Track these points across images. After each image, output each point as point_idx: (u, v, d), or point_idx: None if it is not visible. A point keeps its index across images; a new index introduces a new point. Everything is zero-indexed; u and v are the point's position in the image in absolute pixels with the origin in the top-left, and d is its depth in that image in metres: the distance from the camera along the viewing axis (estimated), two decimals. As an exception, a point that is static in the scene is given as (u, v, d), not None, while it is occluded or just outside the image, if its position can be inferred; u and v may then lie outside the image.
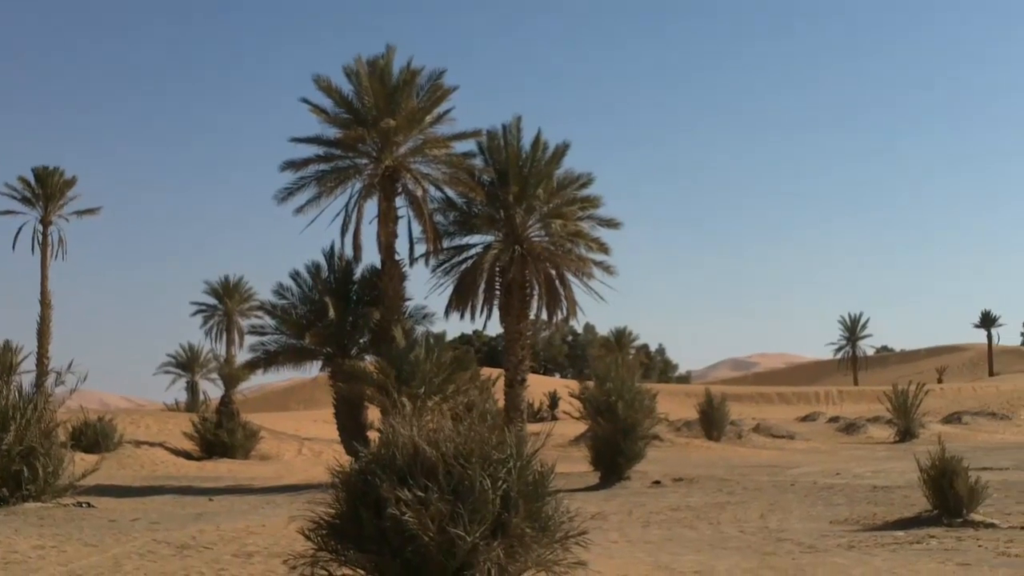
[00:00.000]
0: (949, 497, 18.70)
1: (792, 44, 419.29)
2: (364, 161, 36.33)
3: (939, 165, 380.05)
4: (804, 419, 69.23)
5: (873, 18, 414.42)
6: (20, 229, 61.19)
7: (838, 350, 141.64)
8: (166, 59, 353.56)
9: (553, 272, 40.82)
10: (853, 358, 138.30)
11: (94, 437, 38.96)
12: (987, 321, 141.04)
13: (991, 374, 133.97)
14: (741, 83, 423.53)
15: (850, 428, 59.89)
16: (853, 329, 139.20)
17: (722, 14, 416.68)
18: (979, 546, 16.14)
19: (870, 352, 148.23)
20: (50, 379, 27.08)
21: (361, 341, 36.51)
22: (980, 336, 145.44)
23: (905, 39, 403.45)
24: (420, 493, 9.87)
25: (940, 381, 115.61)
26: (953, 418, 62.45)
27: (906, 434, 52.67)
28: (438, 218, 38.92)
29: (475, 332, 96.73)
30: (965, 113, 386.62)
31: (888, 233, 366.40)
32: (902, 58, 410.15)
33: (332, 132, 36.17)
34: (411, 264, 37.19)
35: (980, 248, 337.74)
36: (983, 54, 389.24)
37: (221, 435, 41.76)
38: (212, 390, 77.59)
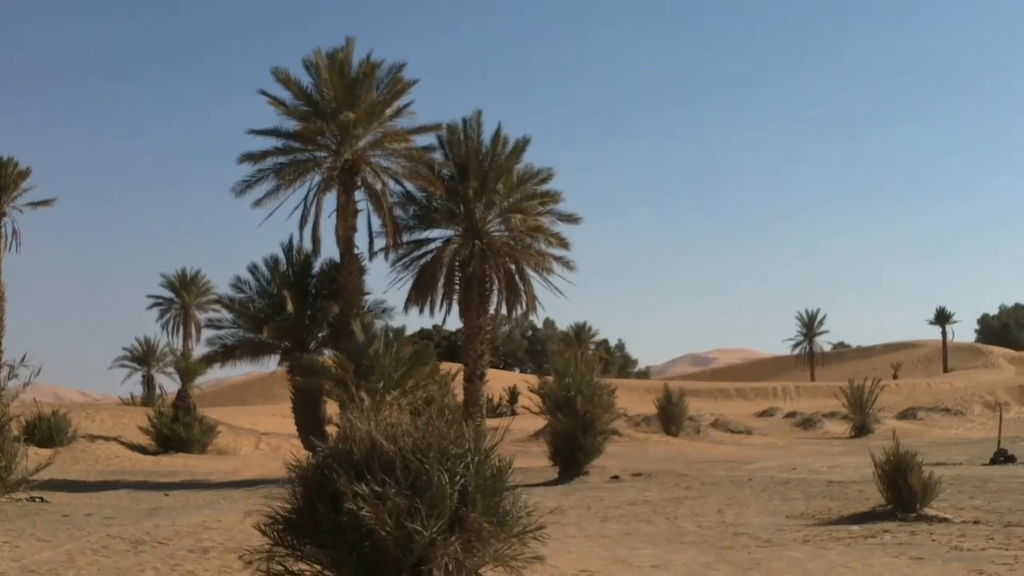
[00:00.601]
0: (903, 492, 18.82)
1: (753, 42, 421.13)
2: (323, 154, 36.21)
3: (897, 161, 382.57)
4: (761, 414, 69.67)
5: (817, 18, 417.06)
6: (-27, 221, 60.53)
7: (795, 346, 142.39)
8: (123, 49, 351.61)
9: (513, 267, 40.80)
10: (810, 354, 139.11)
11: (48, 431, 38.71)
12: (942, 318, 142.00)
13: (945, 370, 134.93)
14: (700, 76, 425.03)
15: (807, 423, 60.32)
16: (810, 325, 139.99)
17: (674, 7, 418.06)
18: (932, 540, 16.25)
19: (827, 348, 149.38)
20: (3, 373, 26.84)
21: (319, 335, 36.44)
22: (935, 333, 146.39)
23: (852, 35, 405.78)
24: (377, 488, 9.82)
25: (895, 377, 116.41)
26: (908, 414, 62.98)
27: (862, 429, 53.07)
28: (398, 212, 38.86)
29: (434, 327, 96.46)
30: (918, 109, 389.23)
31: (845, 229, 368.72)
32: (854, 50, 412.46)
33: (291, 125, 36.05)
34: (370, 258, 37.20)
35: (935, 245, 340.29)
36: (932, 49, 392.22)
37: (177, 429, 41.53)
38: (169, 384, 77.00)
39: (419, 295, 40.39)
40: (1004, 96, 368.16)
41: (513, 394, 76.91)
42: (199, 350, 66.89)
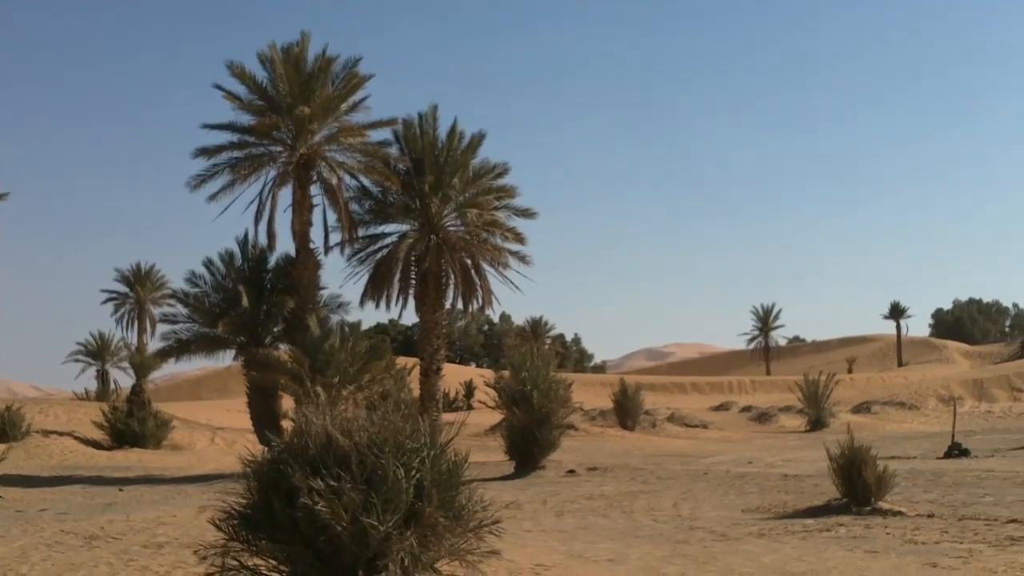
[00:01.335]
0: (858, 485, 18.92)
1: (708, 34, 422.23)
2: (278, 149, 36.10)
3: (852, 155, 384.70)
4: (717, 408, 69.92)
5: (761, 18, 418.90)
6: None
7: (751, 340, 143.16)
8: (75, 40, 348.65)
9: (469, 261, 40.80)
10: (766, 348, 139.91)
11: (1, 426, 38.47)
12: (896, 312, 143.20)
13: (900, 364, 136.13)
14: (658, 67, 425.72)
15: (762, 417, 60.57)
16: (766, 320, 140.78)
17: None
18: (887, 533, 16.35)
19: (782, 342, 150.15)
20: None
21: (275, 330, 36.35)
22: (889, 327, 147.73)
23: (801, 30, 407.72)
24: (333, 483, 9.80)
25: (850, 371, 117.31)
26: (863, 408, 63.28)
27: (817, 423, 53.36)
28: (353, 207, 38.77)
29: (391, 321, 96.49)
30: (870, 102, 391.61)
31: (798, 223, 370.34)
32: (812, 46, 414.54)
33: (246, 119, 35.92)
34: (326, 253, 37.12)
35: (890, 240, 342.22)
36: (886, 39, 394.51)
37: (132, 424, 41.33)
38: (123, 379, 76.86)
39: (375, 290, 40.32)
40: (958, 89, 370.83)
41: (469, 389, 77.00)
42: (154, 345, 66.55)
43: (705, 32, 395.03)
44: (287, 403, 34.80)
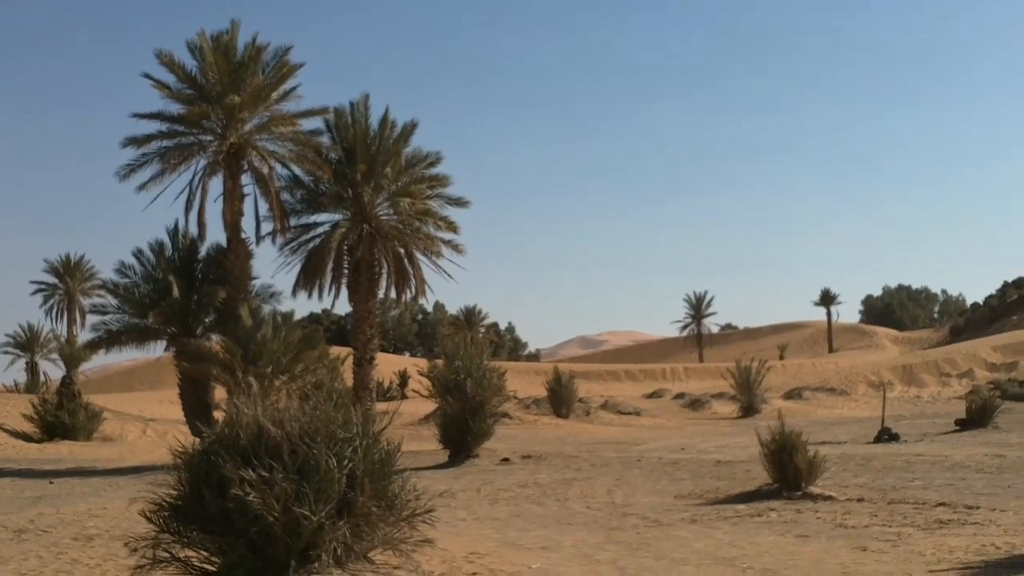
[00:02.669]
0: (789, 471, 19.07)
1: (651, 22, 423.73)
2: (208, 138, 35.79)
3: (782, 143, 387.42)
4: (651, 396, 70.26)
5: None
6: None
7: (684, 328, 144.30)
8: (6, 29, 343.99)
9: (402, 251, 40.77)
10: (698, 335, 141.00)
11: (-72, 420, 37.96)
12: (826, 299, 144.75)
13: (830, 351, 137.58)
14: (594, 54, 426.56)
15: (695, 404, 60.93)
16: (698, 307, 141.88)
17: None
18: (817, 518, 16.50)
19: (715, 330, 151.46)
20: None
21: (207, 320, 36.07)
22: (820, 314, 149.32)
23: (732, 10, 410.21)
24: (264, 473, 9.77)
25: (782, 358, 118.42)
26: (794, 394, 63.82)
27: (749, 410, 53.79)
28: (285, 196, 38.58)
29: (324, 311, 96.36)
30: (805, 90, 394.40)
31: (729, 211, 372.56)
32: (744, 25, 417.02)
33: (176, 108, 35.58)
34: (258, 242, 36.85)
35: (820, 227, 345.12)
36: (827, 27, 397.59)
37: (62, 417, 40.92)
38: (53, 371, 75.96)
39: (308, 279, 40.19)
40: (894, 77, 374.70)
41: (403, 378, 76.88)
42: (84, 336, 65.95)
43: (636, 21, 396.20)
44: (220, 394, 34.60)
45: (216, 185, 35.54)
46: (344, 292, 40.75)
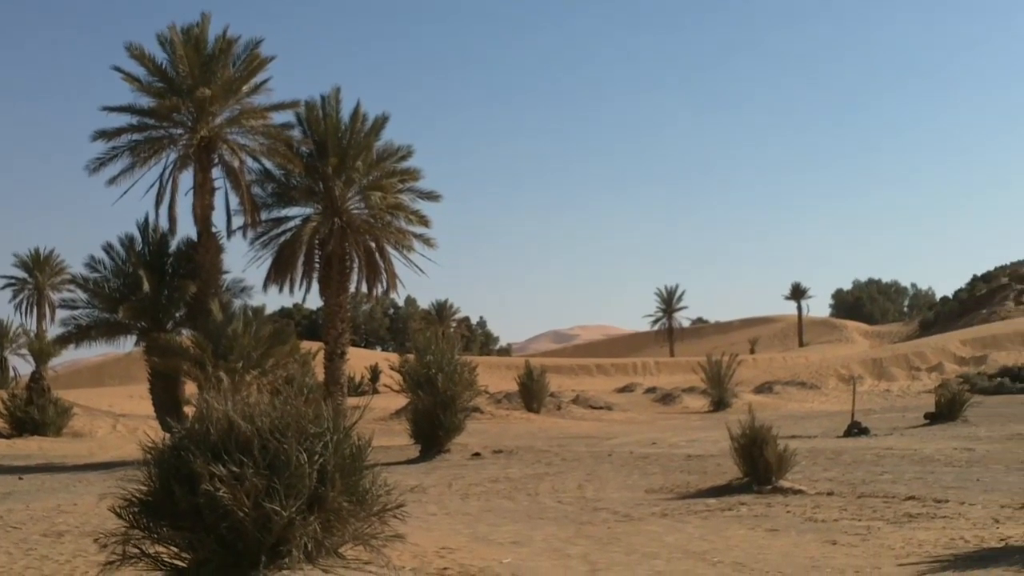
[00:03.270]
0: (759, 465, 19.14)
1: (623, 9, 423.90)
2: (179, 131, 35.63)
3: (752, 136, 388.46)
4: (622, 390, 70.31)
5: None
6: None
7: (655, 322, 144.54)
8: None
9: (373, 245, 40.73)
10: (669, 330, 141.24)
11: None
12: (797, 293, 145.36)
13: (801, 344, 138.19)
14: (569, 44, 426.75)
15: (666, 399, 61.00)
16: (669, 301, 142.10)
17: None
18: (787, 512, 16.56)
19: (686, 324, 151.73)
20: None
21: (177, 315, 35.88)
22: (791, 308, 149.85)
23: (699, 9, 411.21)
24: (235, 468, 9.74)
25: (752, 352, 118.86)
26: (765, 388, 64.06)
27: (720, 404, 53.84)
28: (256, 190, 38.49)
29: (295, 305, 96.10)
30: (774, 84, 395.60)
31: (701, 205, 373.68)
32: (718, 24, 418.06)
33: (146, 101, 35.37)
34: (228, 236, 36.70)
35: (790, 221, 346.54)
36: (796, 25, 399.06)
37: (31, 412, 40.67)
38: (22, 366, 75.54)
39: (279, 274, 40.13)
40: (864, 73, 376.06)
41: (375, 373, 76.79)
42: (54, 331, 65.58)
43: (604, 13, 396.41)
44: (190, 389, 34.46)
45: (187, 179, 35.43)
46: (315, 286, 40.77)
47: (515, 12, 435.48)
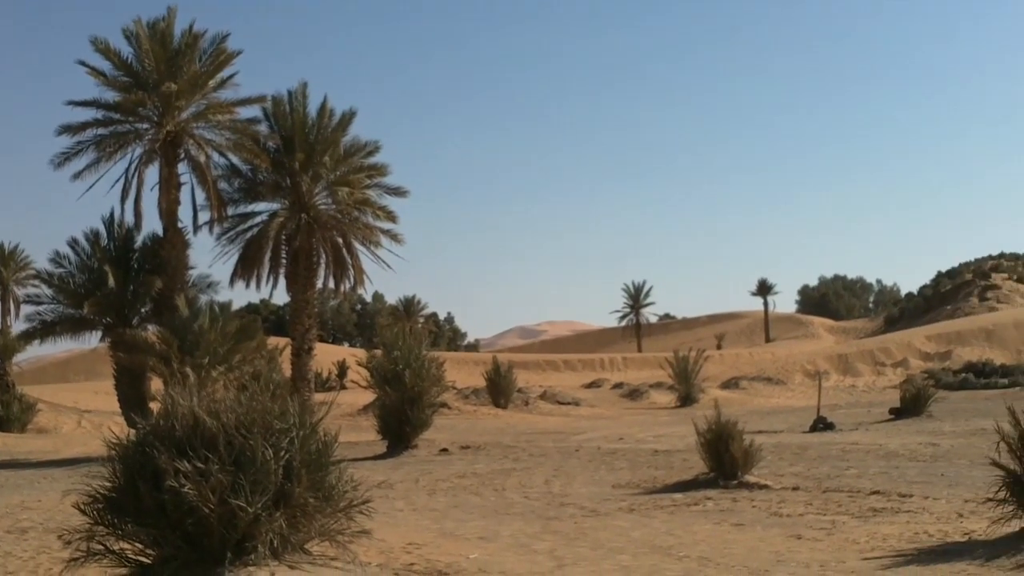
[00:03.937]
0: (725, 460, 19.21)
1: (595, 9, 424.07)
2: (145, 126, 35.44)
3: (720, 132, 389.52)
4: (589, 386, 70.41)
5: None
6: None
7: (623, 318, 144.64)
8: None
9: (340, 240, 40.65)
10: (637, 325, 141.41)
11: None
12: (763, 289, 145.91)
13: (767, 340, 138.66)
14: (535, 39, 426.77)
15: (633, 394, 61.14)
16: (637, 297, 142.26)
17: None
18: (753, 507, 16.64)
19: (653, 320, 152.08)
20: None
21: (143, 310, 35.69)
22: (757, 304, 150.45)
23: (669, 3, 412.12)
24: (200, 464, 9.70)
25: (719, 347, 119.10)
26: (731, 383, 64.28)
27: (687, 399, 54.04)
28: (222, 185, 38.32)
29: (262, 301, 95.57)
30: (743, 79, 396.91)
31: (668, 201, 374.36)
32: (691, 15, 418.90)
33: (111, 96, 35.18)
34: (195, 232, 36.59)
35: (756, 217, 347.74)
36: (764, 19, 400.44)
37: (-4, 408, 40.48)
38: (-14, 362, 75.07)
39: (245, 269, 39.99)
40: (828, 68, 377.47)
41: (342, 368, 76.62)
42: (18, 327, 65.19)
43: (575, 12, 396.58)
44: (156, 385, 34.29)
45: (152, 174, 35.25)
46: (282, 282, 40.69)
47: (477, 8, 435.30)
